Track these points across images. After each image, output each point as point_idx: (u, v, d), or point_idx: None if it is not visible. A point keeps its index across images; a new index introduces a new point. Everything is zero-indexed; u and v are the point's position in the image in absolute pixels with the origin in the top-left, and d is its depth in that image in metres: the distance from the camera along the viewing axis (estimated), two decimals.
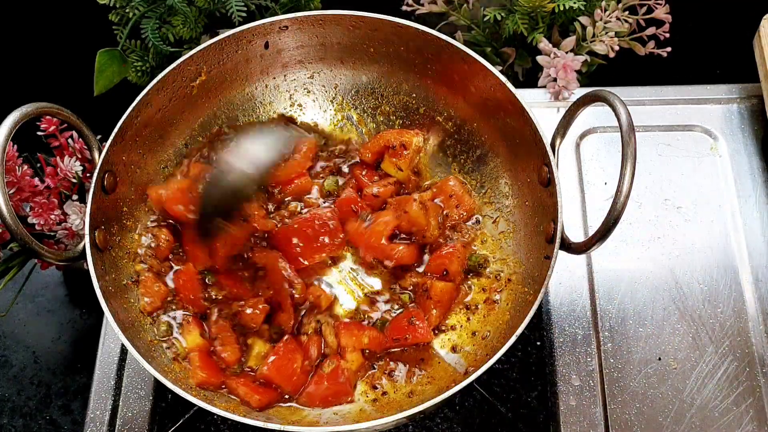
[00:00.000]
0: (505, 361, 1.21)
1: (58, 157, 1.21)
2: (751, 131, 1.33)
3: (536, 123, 1.10)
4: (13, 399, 1.33)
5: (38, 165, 1.26)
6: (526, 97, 1.15)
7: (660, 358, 1.16)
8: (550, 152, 1.09)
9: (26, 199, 1.19)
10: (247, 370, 1.11)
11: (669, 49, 1.37)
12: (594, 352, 1.17)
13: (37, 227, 1.19)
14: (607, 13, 1.34)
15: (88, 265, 1.04)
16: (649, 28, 1.36)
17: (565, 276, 1.23)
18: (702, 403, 1.13)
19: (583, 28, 1.36)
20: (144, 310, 1.13)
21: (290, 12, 1.28)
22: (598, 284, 1.22)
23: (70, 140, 1.22)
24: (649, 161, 1.30)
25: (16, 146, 1.17)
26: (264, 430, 0.96)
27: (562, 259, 1.16)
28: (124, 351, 1.19)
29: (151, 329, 1.12)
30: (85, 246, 1.06)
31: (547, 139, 1.10)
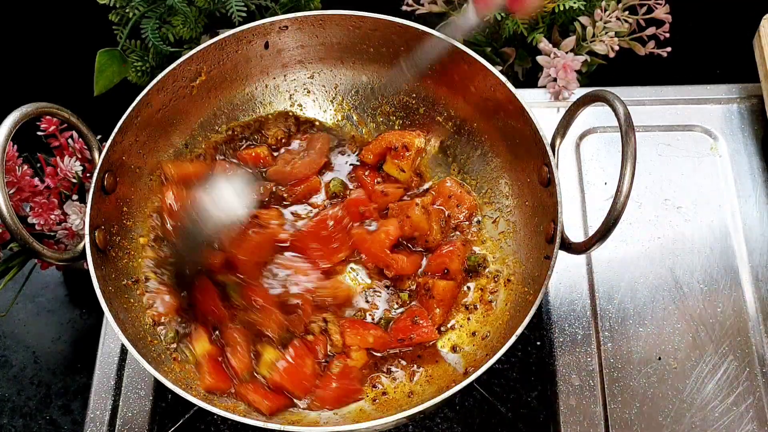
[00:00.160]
0: (505, 361, 1.21)
1: (58, 157, 1.21)
2: (751, 131, 1.33)
3: (536, 123, 1.10)
4: (13, 399, 1.33)
5: (38, 165, 1.26)
6: (526, 97, 1.15)
7: (660, 358, 1.16)
8: (550, 152, 1.09)
9: (26, 199, 1.19)
10: (258, 377, 1.11)
11: (669, 49, 1.37)
12: (594, 352, 1.17)
13: (37, 227, 1.19)
14: (607, 13, 1.34)
15: (88, 265, 1.04)
16: (649, 28, 1.36)
17: (565, 276, 1.23)
18: (702, 403, 1.13)
19: (583, 28, 1.36)
20: (154, 319, 1.13)
21: (290, 12, 1.28)
22: (598, 284, 1.22)
23: (70, 140, 1.22)
24: (649, 161, 1.30)
25: (16, 146, 1.17)
26: (264, 430, 0.96)
27: (562, 259, 1.16)
28: (124, 351, 1.19)
29: (152, 330, 1.12)
30: (85, 246, 1.06)
31: (547, 139, 1.10)
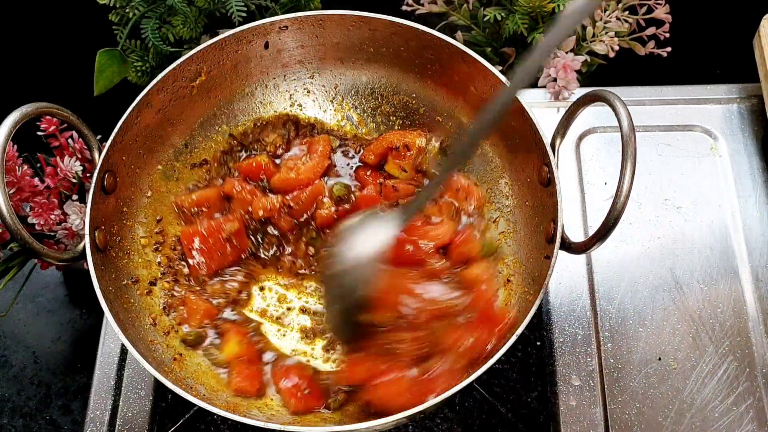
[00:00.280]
0: (505, 361, 1.21)
1: (58, 157, 1.21)
2: (751, 131, 1.33)
3: (536, 123, 1.10)
4: (13, 399, 1.33)
5: (38, 165, 1.26)
6: (526, 97, 1.15)
7: (660, 358, 1.16)
8: (550, 152, 1.09)
9: (26, 199, 1.19)
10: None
11: (669, 49, 1.36)
12: (594, 352, 1.17)
13: (37, 227, 1.19)
14: (607, 13, 1.34)
15: (88, 265, 1.04)
16: (649, 28, 1.36)
17: (565, 276, 1.23)
18: (702, 403, 1.13)
19: (583, 28, 1.36)
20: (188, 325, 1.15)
21: (290, 12, 1.28)
22: (598, 284, 1.22)
23: (70, 140, 1.22)
24: (649, 161, 1.30)
25: (16, 146, 1.17)
26: (264, 430, 0.96)
27: (562, 259, 1.16)
28: (124, 351, 1.19)
29: (152, 329, 1.12)
30: (85, 246, 1.06)
31: (547, 139, 1.10)
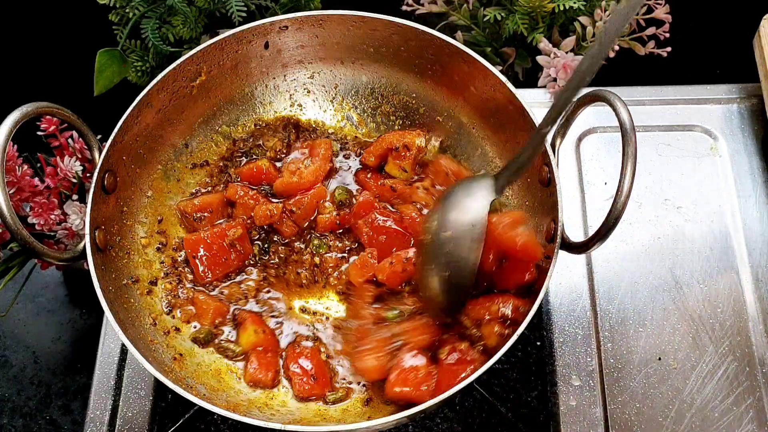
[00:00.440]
0: (505, 361, 1.21)
1: (58, 157, 1.21)
2: (751, 131, 1.33)
3: (536, 123, 1.10)
4: (13, 399, 1.33)
5: (38, 165, 1.26)
6: (526, 97, 1.15)
7: (660, 358, 1.16)
8: (550, 152, 1.09)
9: (26, 199, 1.19)
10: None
11: (669, 49, 1.37)
12: (594, 352, 1.17)
13: (37, 227, 1.19)
14: (607, 13, 1.34)
15: (88, 265, 1.04)
16: (649, 28, 1.36)
17: (565, 276, 1.23)
18: (702, 403, 1.13)
19: (583, 28, 1.36)
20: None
21: (290, 12, 1.28)
22: (598, 284, 1.22)
23: (70, 140, 1.22)
24: (649, 161, 1.30)
25: (16, 146, 1.17)
26: (265, 430, 0.96)
27: (562, 259, 1.16)
28: (124, 351, 1.19)
29: (152, 329, 1.12)
30: (85, 246, 1.06)
31: (547, 139, 1.10)
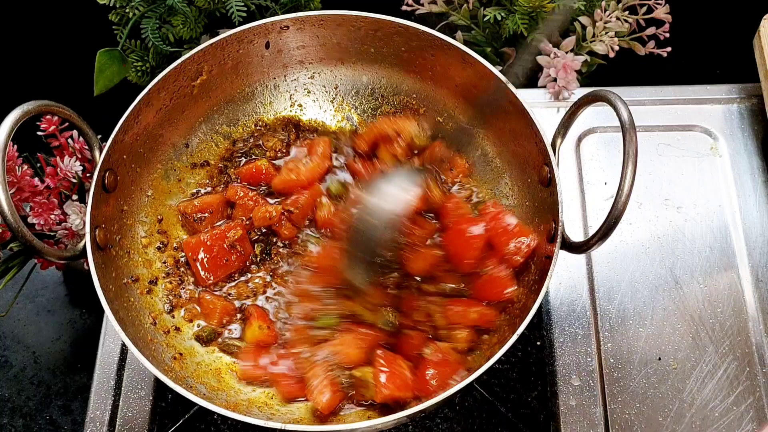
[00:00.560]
0: (505, 361, 1.21)
1: (58, 157, 1.21)
2: (751, 131, 1.33)
3: (536, 123, 1.10)
4: (13, 399, 1.33)
5: (38, 165, 1.26)
6: (526, 97, 1.15)
7: (660, 358, 1.16)
8: (551, 152, 1.09)
9: (26, 199, 1.19)
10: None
11: (669, 49, 1.37)
12: (594, 352, 1.17)
13: (37, 227, 1.19)
14: (607, 13, 1.34)
15: (88, 264, 1.04)
16: (649, 28, 1.37)
17: (565, 276, 1.23)
18: (702, 403, 1.13)
19: (583, 28, 1.36)
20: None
21: (290, 12, 1.28)
22: (598, 284, 1.22)
23: (70, 140, 1.22)
24: (649, 161, 1.30)
25: (16, 146, 1.17)
26: (265, 429, 0.96)
27: (562, 259, 1.16)
28: (124, 351, 1.19)
29: (152, 329, 1.12)
30: (85, 244, 1.05)
31: (548, 139, 1.10)
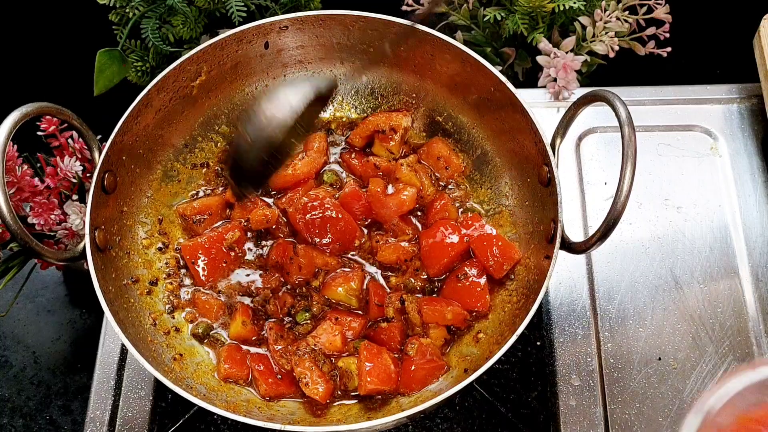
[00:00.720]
0: (505, 361, 1.21)
1: (58, 157, 1.21)
2: (751, 131, 1.33)
3: (536, 123, 1.10)
4: (13, 399, 1.33)
5: (38, 165, 1.26)
6: (526, 97, 1.15)
7: (660, 358, 1.16)
8: (550, 152, 1.09)
9: (26, 199, 1.19)
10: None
11: (669, 49, 1.36)
12: (594, 352, 1.17)
13: (37, 227, 1.19)
14: (607, 13, 1.34)
15: (88, 265, 1.04)
16: (649, 28, 1.36)
17: (565, 276, 1.23)
18: None
19: (583, 28, 1.36)
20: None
21: (290, 12, 1.28)
22: (598, 284, 1.22)
23: (70, 140, 1.22)
24: (649, 161, 1.30)
25: (16, 146, 1.17)
26: (265, 430, 0.96)
27: (562, 259, 1.16)
28: (124, 351, 1.19)
29: (152, 329, 1.12)
30: (85, 245, 1.06)
31: (547, 139, 1.10)
